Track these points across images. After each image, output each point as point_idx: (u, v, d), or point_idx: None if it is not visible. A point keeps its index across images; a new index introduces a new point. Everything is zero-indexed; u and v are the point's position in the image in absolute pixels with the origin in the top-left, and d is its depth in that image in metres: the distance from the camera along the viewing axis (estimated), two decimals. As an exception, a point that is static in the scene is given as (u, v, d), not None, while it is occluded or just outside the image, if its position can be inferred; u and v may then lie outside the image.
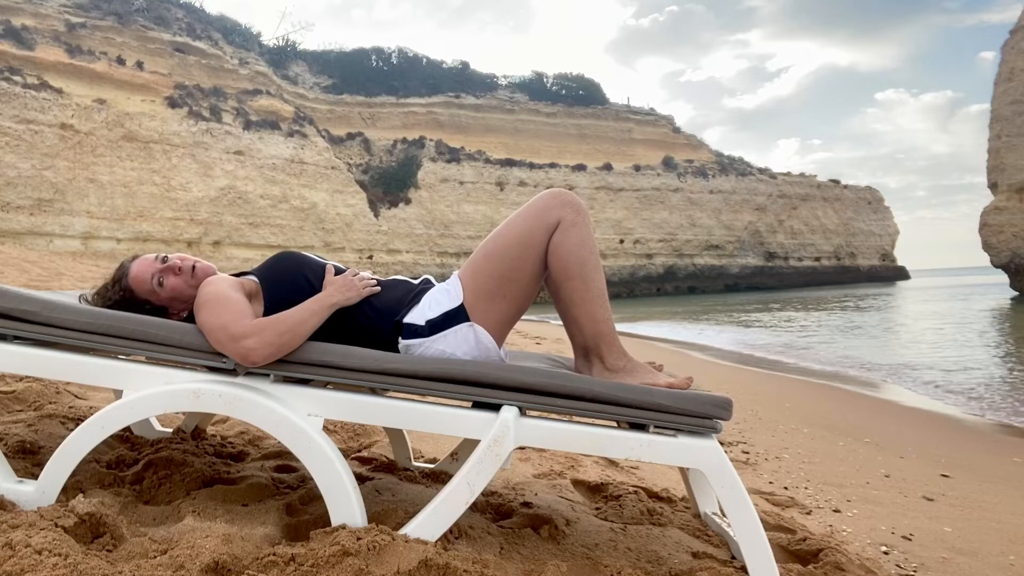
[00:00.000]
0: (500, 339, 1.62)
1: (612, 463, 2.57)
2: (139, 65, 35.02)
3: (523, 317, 1.80)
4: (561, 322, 1.70)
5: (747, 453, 3.36)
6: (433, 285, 1.67)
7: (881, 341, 11.61)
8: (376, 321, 1.59)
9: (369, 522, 1.34)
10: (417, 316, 1.57)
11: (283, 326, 1.43)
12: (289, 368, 1.42)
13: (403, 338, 1.57)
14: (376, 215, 42.71)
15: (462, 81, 56.60)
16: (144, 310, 1.60)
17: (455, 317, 1.56)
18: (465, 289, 1.59)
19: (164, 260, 1.65)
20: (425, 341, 1.55)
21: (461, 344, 1.56)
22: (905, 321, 16.40)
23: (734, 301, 32.13)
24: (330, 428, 2.51)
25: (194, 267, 1.64)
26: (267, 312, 1.55)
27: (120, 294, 1.64)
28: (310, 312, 1.49)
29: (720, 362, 8.96)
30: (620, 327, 1.87)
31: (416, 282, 1.69)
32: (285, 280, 1.60)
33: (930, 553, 2.05)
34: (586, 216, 1.60)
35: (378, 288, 1.63)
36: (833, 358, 9.30)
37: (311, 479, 1.63)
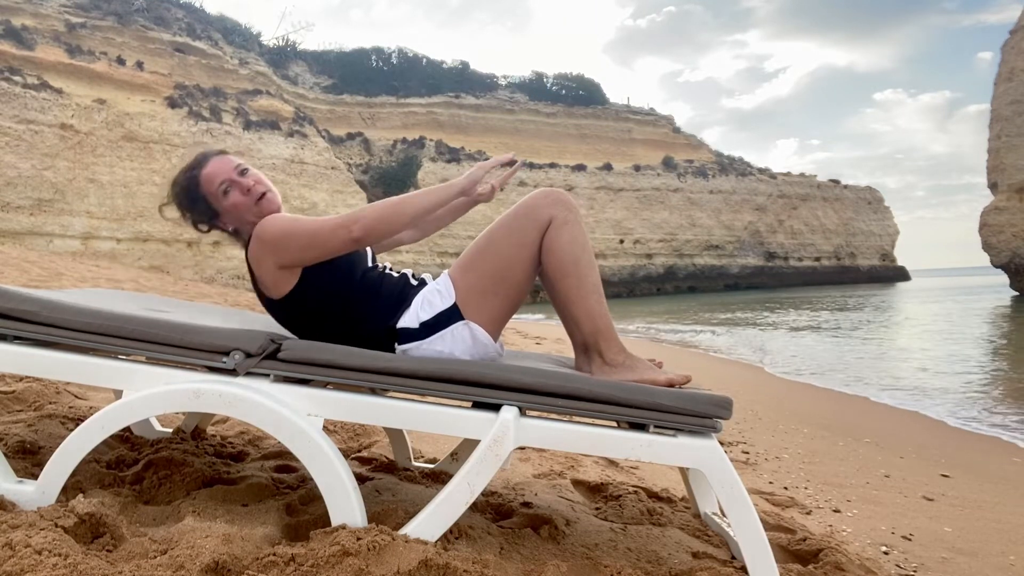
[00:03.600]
0: (495, 336, 1.63)
1: (612, 463, 2.57)
2: (139, 65, 35.00)
3: (523, 316, 1.81)
4: (561, 321, 1.70)
5: (747, 453, 3.36)
6: (424, 284, 1.66)
7: (881, 341, 11.60)
8: (370, 326, 1.59)
9: (369, 522, 1.34)
10: (410, 319, 1.57)
11: (389, 200, 1.53)
12: (289, 368, 1.42)
13: (399, 343, 1.57)
14: (376, 215, 42.60)
15: (462, 81, 56.58)
16: (199, 206, 1.64)
17: (449, 317, 1.57)
18: (457, 288, 1.59)
19: (242, 172, 1.66)
20: (422, 344, 1.56)
21: (458, 343, 1.56)
22: (905, 321, 16.40)
23: (734, 300, 32.12)
24: (330, 428, 2.51)
25: (263, 196, 1.65)
26: (300, 284, 1.56)
27: (188, 180, 1.67)
28: (425, 191, 1.55)
29: (719, 362, 8.96)
30: (620, 327, 1.86)
31: (415, 283, 1.68)
32: (330, 262, 1.60)
33: (930, 553, 2.05)
34: (577, 214, 1.60)
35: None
36: (833, 358, 9.30)
37: (311, 479, 1.63)
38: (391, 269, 1.72)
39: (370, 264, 1.70)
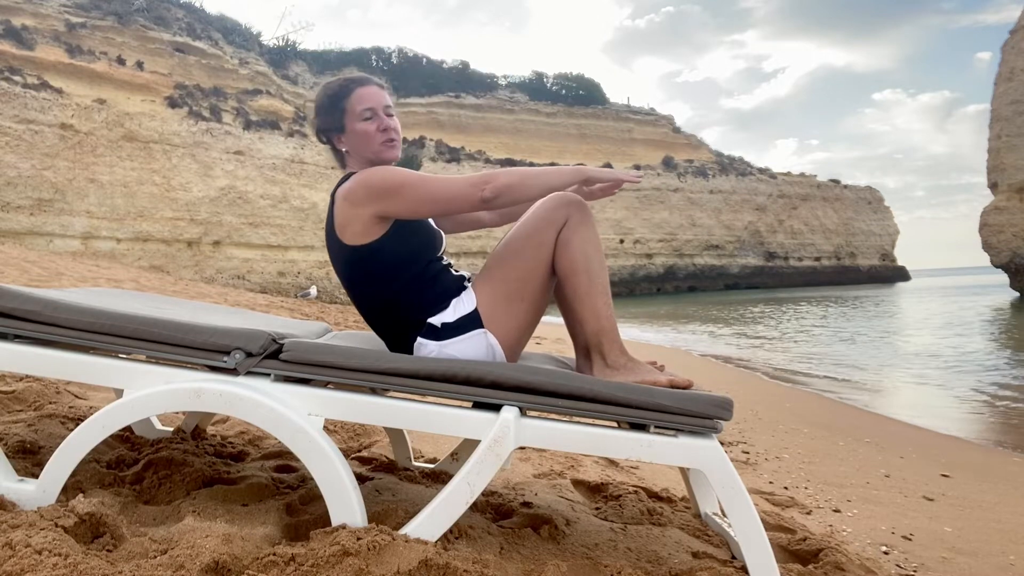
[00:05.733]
0: (519, 346, 1.65)
1: (612, 463, 2.57)
2: (139, 65, 35.00)
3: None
4: (562, 320, 1.70)
5: (747, 453, 3.36)
6: (469, 285, 1.68)
7: (881, 342, 11.60)
8: (410, 310, 1.61)
9: (369, 522, 1.34)
10: (438, 319, 1.60)
11: (519, 169, 1.56)
12: (290, 368, 1.42)
13: (421, 336, 1.59)
14: (376, 215, 42.61)
15: (462, 81, 56.59)
16: (334, 115, 1.67)
17: (469, 323, 1.58)
18: (479, 295, 1.61)
19: (388, 113, 1.69)
20: (438, 344, 1.58)
21: (470, 350, 1.57)
22: (905, 321, 16.39)
23: (734, 300, 32.12)
24: (330, 428, 2.51)
25: (392, 141, 1.68)
26: (383, 242, 1.58)
27: (340, 87, 1.69)
28: (550, 169, 1.58)
29: (720, 361, 8.96)
30: (620, 327, 1.85)
31: (467, 286, 1.68)
32: (418, 230, 1.64)
33: (930, 553, 2.05)
34: (591, 216, 1.63)
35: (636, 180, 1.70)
36: (831, 360, 9.30)
37: (311, 479, 1.63)
38: (452, 267, 1.73)
39: (439, 254, 1.71)
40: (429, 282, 1.63)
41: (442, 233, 1.77)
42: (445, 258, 1.73)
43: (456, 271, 1.72)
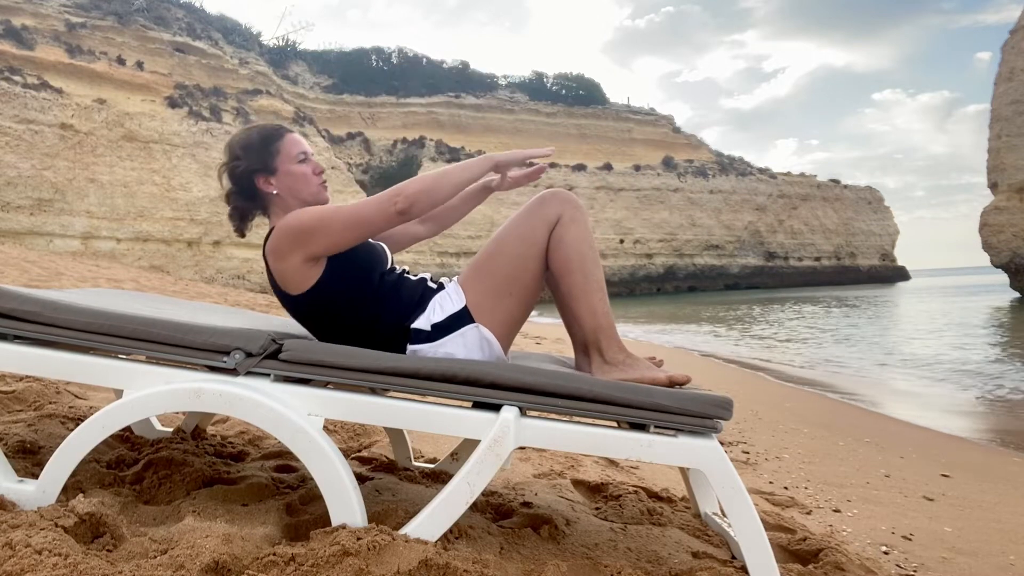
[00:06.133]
0: (508, 339, 1.64)
1: (612, 463, 2.57)
2: (139, 65, 35.00)
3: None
4: (561, 320, 1.70)
5: (747, 453, 3.36)
6: (443, 287, 1.67)
7: (881, 342, 11.60)
8: (387, 326, 1.60)
9: (369, 522, 1.34)
10: (423, 321, 1.59)
11: (430, 173, 1.54)
12: (290, 368, 1.42)
13: (410, 343, 1.58)
14: (376, 215, 42.67)
15: (462, 81, 56.59)
16: (265, 154, 1.63)
17: (459, 320, 1.58)
18: (468, 291, 1.61)
19: (320, 171, 1.69)
20: (432, 345, 1.57)
21: (468, 346, 1.57)
22: (905, 322, 16.39)
23: (734, 300, 32.11)
24: (330, 428, 2.51)
25: (324, 184, 1.69)
26: (323, 279, 1.56)
27: (273, 129, 1.69)
28: (461, 163, 1.57)
29: (720, 362, 8.96)
30: (620, 327, 1.86)
31: (434, 286, 1.68)
32: (354, 258, 1.61)
33: (930, 553, 2.05)
34: (584, 213, 1.62)
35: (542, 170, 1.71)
36: (831, 359, 9.30)
37: (311, 479, 1.63)
38: (409, 273, 1.72)
39: (388, 267, 1.70)
40: (391, 294, 1.62)
41: (383, 246, 1.74)
42: (398, 267, 1.72)
43: (415, 275, 1.72)
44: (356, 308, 1.59)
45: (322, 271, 1.57)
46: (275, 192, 1.65)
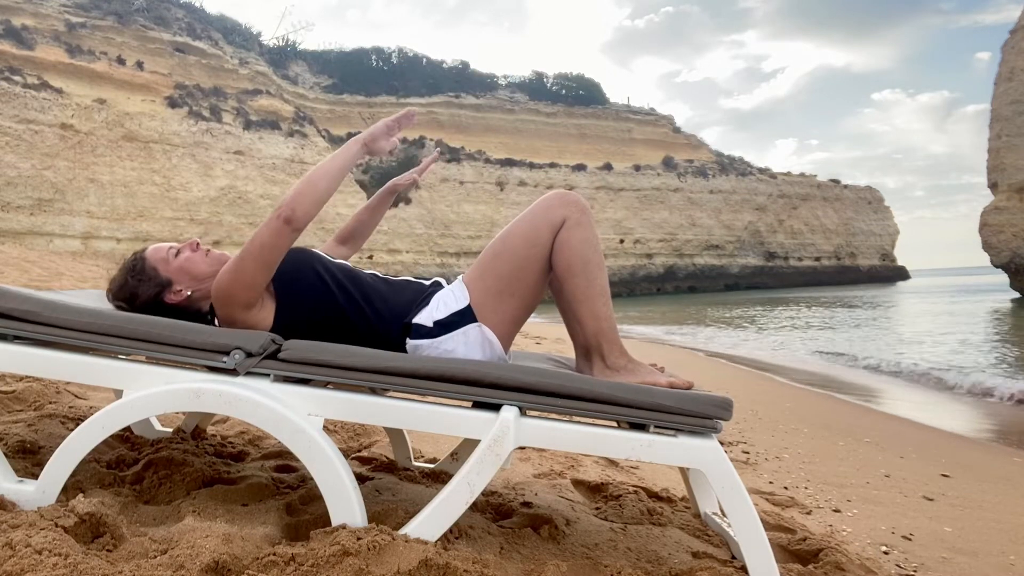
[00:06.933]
0: (508, 339, 1.64)
1: (612, 463, 2.57)
2: (139, 65, 35.02)
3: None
4: (562, 321, 1.70)
5: (747, 453, 3.36)
6: (443, 287, 1.68)
7: (880, 342, 11.60)
8: (386, 322, 1.60)
9: (369, 522, 1.34)
10: (425, 318, 1.59)
11: (302, 178, 1.54)
12: (289, 368, 1.42)
13: (411, 338, 1.58)
14: (376, 215, 42.71)
15: (462, 81, 56.62)
16: (146, 279, 1.63)
17: (462, 318, 1.58)
18: (472, 290, 1.61)
19: (196, 244, 1.71)
20: (433, 342, 1.57)
21: (469, 344, 1.57)
22: (905, 321, 16.40)
23: (734, 300, 32.13)
24: (330, 428, 2.51)
25: (209, 251, 1.70)
26: (279, 308, 1.56)
27: (132, 259, 1.68)
28: (332, 155, 1.57)
29: (720, 362, 8.96)
30: (620, 327, 1.86)
31: (427, 283, 1.70)
32: (296, 276, 1.60)
33: (930, 553, 2.05)
34: (590, 216, 1.62)
35: (411, 119, 1.71)
36: (831, 359, 9.30)
37: (311, 479, 1.63)
38: (382, 275, 1.73)
39: (382, 276, 1.71)
40: (381, 297, 1.62)
41: (321, 253, 1.72)
42: (366, 269, 1.73)
43: (415, 278, 1.72)
44: (333, 312, 1.59)
45: (273, 303, 1.57)
46: (188, 293, 1.65)
